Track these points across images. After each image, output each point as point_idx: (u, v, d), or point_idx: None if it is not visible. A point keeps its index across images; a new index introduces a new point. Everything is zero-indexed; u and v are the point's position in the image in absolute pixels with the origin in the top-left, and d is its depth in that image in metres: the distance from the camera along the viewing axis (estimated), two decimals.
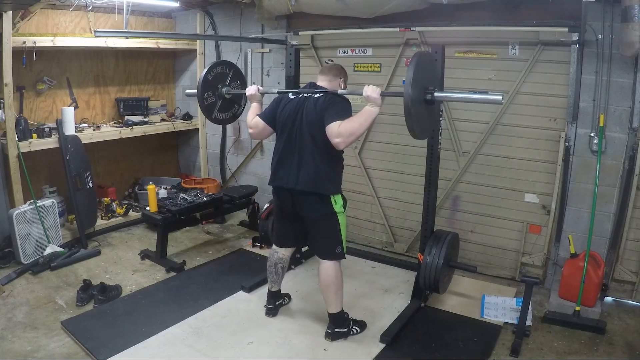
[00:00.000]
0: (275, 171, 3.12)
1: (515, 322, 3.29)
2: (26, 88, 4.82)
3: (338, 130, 2.72)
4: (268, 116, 3.16)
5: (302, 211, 3.09)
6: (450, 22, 3.95)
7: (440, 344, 3.18)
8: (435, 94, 2.69)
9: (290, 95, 3.12)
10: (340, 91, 2.98)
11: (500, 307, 3.50)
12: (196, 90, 3.55)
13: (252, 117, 3.23)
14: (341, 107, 2.87)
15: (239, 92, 3.73)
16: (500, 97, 2.58)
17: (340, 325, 3.16)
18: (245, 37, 5.30)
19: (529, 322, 3.31)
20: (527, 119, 3.89)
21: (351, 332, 3.21)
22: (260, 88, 3.36)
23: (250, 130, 3.26)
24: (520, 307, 3.22)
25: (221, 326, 3.33)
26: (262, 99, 3.38)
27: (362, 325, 3.29)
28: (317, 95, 2.98)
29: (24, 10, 4.30)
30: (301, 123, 2.97)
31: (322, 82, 3.15)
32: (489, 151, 4.11)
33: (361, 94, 2.77)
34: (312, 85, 3.13)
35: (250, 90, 3.35)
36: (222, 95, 3.68)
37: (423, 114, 2.73)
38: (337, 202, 3.01)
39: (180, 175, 6.44)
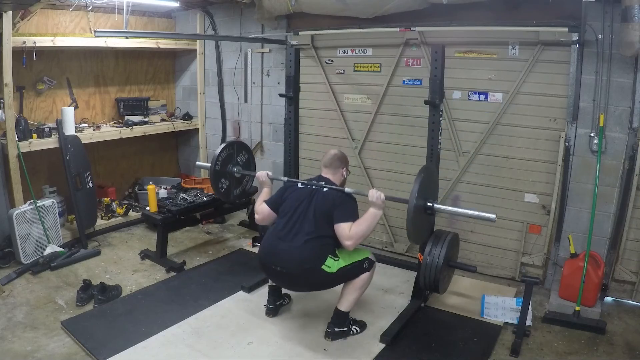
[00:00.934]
0: (266, 243, 3.15)
1: (515, 322, 3.30)
2: (26, 88, 4.82)
3: (349, 234, 2.91)
4: (273, 203, 3.30)
5: (298, 290, 3.35)
6: (450, 22, 3.95)
7: (440, 344, 3.18)
8: (435, 205, 3.04)
9: (299, 185, 3.26)
10: (347, 190, 3.14)
11: (500, 307, 3.50)
12: (208, 164, 3.83)
13: (259, 202, 3.37)
14: (350, 208, 3.05)
15: (249, 173, 4.00)
16: (494, 216, 2.90)
17: (341, 325, 3.17)
18: (245, 37, 5.31)
19: (529, 322, 3.32)
20: (527, 119, 3.89)
21: (351, 332, 3.21)
22: (269, 173, 3.54)
23: (257, 216, 3.38)
24: (520, 307, 3.22)
25: (221, 326, 3.33)
26: (272, 185, 3.53)
27: (362, 325, 3.30)
28: (325, 190, 3.13)
29: (24, 10, 4.30)
30: (307, 208, 3.08)
31: (327, 174, 3.31)
32: (489, 151, 4.11)
33: (367, 195, 3.01)
34: (320, 179, 3.28)
35: (261, 176, 3.53)
36: (233, 175, 3.92)
37: (422, 222, 3.07)
38: (330, 267, 2.98)
39: (180, 175, 6.45)
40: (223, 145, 3.88)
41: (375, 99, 4.61)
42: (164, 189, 5.58)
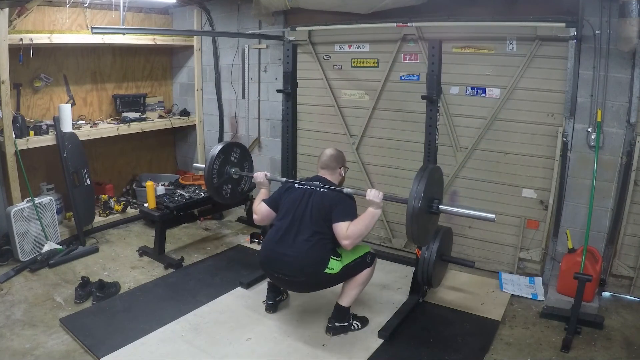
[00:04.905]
0: (266, 249, 3.14)
1: (529, 297, 3.69)
2: (23, 85, 4.80)
3: (347, 233, 2.89)
4: (272, 202, 3.27)
5: (303, 291, 3.38)
6: (447, 17, 3.94)
7: (438, 339, 3.19)
8: (440, 207, 2.90)
9: (296, 185, 3.23)
10: (346, 190, 3.09)
11: (515, 284, 3.82)
12: (204, 165, 3.75)
13: (257, 202, 3.35)
14: (348, 207, 3.02)
15: (247, 174, 3.95)
16: (493, 216, 2.80)
17: (342, 320, 3.17)
18: (242, 33, 5.29)
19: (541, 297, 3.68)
20: (524, 114, 3.89)
21: (352, 328, 3.21)
22: (268, 174, 3.50)
23: (255, 216, 3.34)
24: (532, 284, 3.75)
25: (220, 322, 3.34)
26: (270, 186, 3.51)
27: (363, 321, 3.30)
28: (323, 190, 3.10)
29: (21, 7, 4.27)
30: (305, 209, 3.05)
31: (325, 174, 3.28)
32: (486, 146, 4.11)
33: (364, 196, 2.96)
34: (318, 179, 3.25)
35: (258, 177, 3.50)
36: (232, 178, 3.87)
37: (426, 222, 2.91)
38: (333, 268, 2.99)
39: (177, 172, 6.43)
40: (218, 152, 3.73)
41: (372, 94, 4.60)
42: (161, 185, 5.58)
